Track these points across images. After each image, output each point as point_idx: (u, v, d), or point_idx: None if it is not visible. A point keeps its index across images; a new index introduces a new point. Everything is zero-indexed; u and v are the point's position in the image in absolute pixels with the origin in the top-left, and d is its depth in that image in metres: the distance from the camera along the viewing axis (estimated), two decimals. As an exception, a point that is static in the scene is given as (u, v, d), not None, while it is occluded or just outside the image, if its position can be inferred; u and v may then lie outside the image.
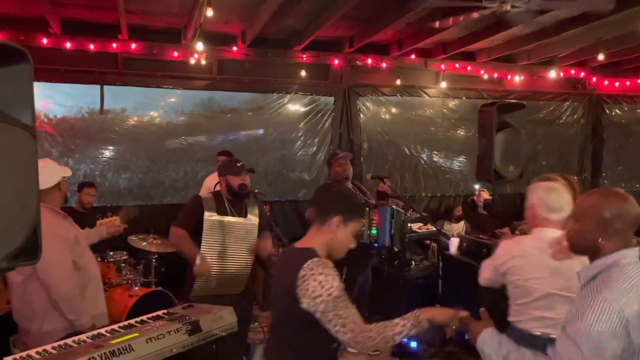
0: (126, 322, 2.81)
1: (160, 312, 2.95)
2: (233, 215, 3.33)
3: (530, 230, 2.71)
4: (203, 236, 3.22)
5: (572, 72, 8.03)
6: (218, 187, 3.47)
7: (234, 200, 3.37)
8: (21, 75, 1.61)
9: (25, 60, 1.59)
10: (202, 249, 3.22)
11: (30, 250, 1.64)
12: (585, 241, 1.75)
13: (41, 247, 1.67)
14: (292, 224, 7.02)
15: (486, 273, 2.80)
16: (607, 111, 8.40)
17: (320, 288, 1.96)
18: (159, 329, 2.61)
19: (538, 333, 2.48)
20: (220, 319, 2.90)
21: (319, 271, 1.98)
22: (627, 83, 8.30)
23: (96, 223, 4.48)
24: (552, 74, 7.80)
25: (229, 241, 3.30)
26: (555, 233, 2.51)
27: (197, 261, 3.14)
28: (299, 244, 2.17)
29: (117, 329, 2.70)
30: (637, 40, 6.32)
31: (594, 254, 1.74)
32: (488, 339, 1.91)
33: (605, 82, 8.26)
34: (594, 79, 8.20)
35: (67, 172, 3.08)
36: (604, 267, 1.68)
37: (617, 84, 8.29)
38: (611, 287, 1.61)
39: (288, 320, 2.11)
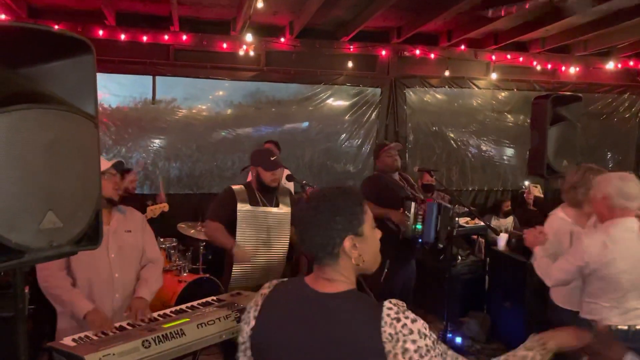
0: (177, 308, 2.90)
1: (209, 299, 3.03)
2: (264, 206, 3.32)
3: (603, 222, 2.64)
4: (238, 228, 3.23)
5: (631, 63, 7.65)
6: (250, 178, 3.45)
7: (264, 191, 3.35)
8: (85, 66, 1.66)
9: (88, 51, 1.65)
10: (238, 240, 3.23)
11: (92, 235, 1.70)
12: None
13: (102, 233, 1.74)
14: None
15: (561, 274, 2.72)
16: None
17: (421, 340, 1.38)
18: (209, 315, 2.69)
19: (625, 327, 2.49)
20: (267, 307, 2.95)
21: (409, 316, 1.41)
22: (691, 75, 7.86)
23: (147, 209, 4.67)
24: (611, 65, 7.46)
25: (262, 231, 3.29)
26: (636, 222, 2.50)
27: (235, 248, 3.14)
28: (323, 288, 1.49)
29: (169, 313, 2.79)
30: None
31: None
32: None
33: (667, 74, 7.85)
34: (655, 71, 7.81)
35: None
36: None
37: (679, 75, 7.86)
38: None
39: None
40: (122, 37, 6.05)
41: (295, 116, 6.98)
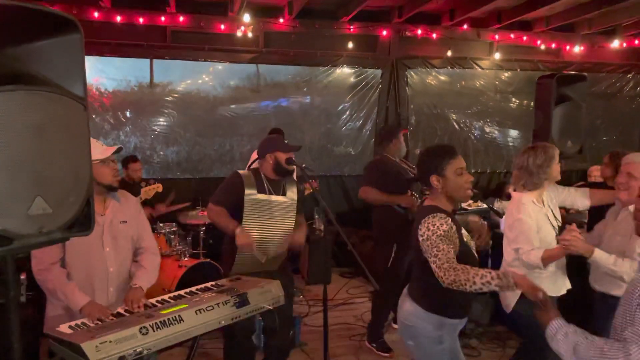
0: (176, 293, 2.86)
1: (209, 284, 2.99)
2: (271, 194, 3.27)
3: None
4: (244, 214, 3.17)
5: (636, 42, 7.52)
6: (255, 165, 3.38)
7: (272, 179, 3.29)
8: (72, 46, 1.58)
9: (75, 30, 1.57)
10: (244, 226, 3.17)
11: (83, 221, 1.65)
12: None
13: (94, 219, 1.69)
14: (337, 199, 7.01)
15: None
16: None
17: (427, 230, 2.29)
18: (208, 300, 2.65)
19: None
20: (267, 292, 2.91)
21: (430, 220, 2.30)
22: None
23: (140, 192, 4.63)
24: (616, 43, 7.33)
25: (269, 220, 3.24)
26: None
27: (238, 231, 3.07)
28: (426, 203, 2.48)
29: (168, 299, 2.75)
30: None
31: None
32: (557, 327, 1.87)
33: (673, 53, 7.72)
34: (660, 49, 7.68)
35: (97, 155, 2.49)
36: None
37: (685, 54, 7.73)
38: None
39: (419, 266, 2.42)
40: (118, 19, 5.94)
41: (295, 98, 6.89)
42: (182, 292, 2.87)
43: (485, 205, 5.18)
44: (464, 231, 2.47)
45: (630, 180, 2.80)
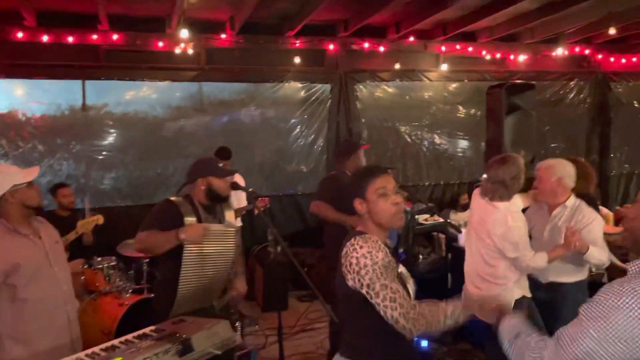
0: (109, 344, 2.51)
1: (147, 330, 2.66)
2: (207, 221, 2.98)
3: None
4: (185, 246, 2.84)
5: (577, 49, 7.70)
6: (187, 191, 3.06)
7: (206, 205, 3.01)
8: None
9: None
10: (184, 261, 2.86)
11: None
12: None
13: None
14: (291, 219, 6.79)
15: None
16: (614, 89, 8.09)
17: (364, 258, 1.86)
18: (146, 350, 2.31)
19: None
20: (214, 335, 2.61)
21: (360, 244, 1.89)
22: (634, 60, 7.97)
23: (77, 224, 4.18)
24: (558, 51, 7.47)
25: (208, 250, 2.94)
26: None
27: (182, 231, 2.75)
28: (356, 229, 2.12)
29: (98, 351, 2.41)
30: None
31: None
32: (507, 322, 1.82)
33: (611, 59, 7.93)
34: (600, 56, 7.88)
35: (21, 179, 2.59)
36: None
37: (623, 60, 7.96)
38: None
39: (344, 304, 2.03)
40: (45, 38, 5.54)
41: (242, 116, 6.63)
42: (115, 341, 2.53)
43: (441, 219, 5.06)
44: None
45: (540, 183, 3.30)
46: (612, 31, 6.10)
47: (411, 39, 6.93)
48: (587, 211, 3.20)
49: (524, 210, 3.65)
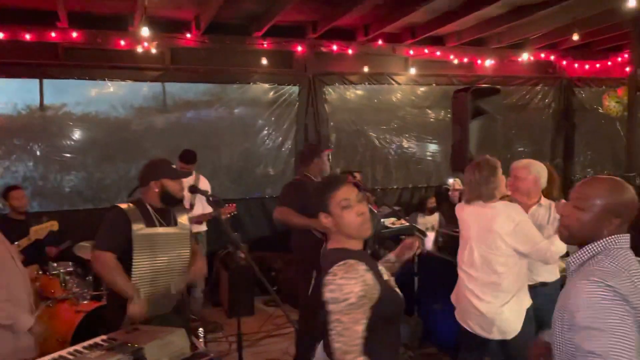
0: (56, 355, 2.40)
1: (99, 339, 2.54)
2: (162, 226, 2.88)
3: None
4: (134, 253, 2.75)
5: (542, 55, 7.83)
6: (139, 194, 2.94)
7: (159, 209, 2.90)
8: None
9: None
10: (134, 270, 2.77)
11: None
12: (586, 230, 1.71)
13: None
14: (259, 223, 6.68)
15: None
16: (578, 95, 8.26)
17: (339, 291, 1.86)
18: (95, 362, 2.21)
19: None
20: (169, 344, 2.50)
21: (340, 275, 1.87)
22: (597, 65, 8.15)
23: (30, 231, 4.00)
24: (524, 57, 7.58)
25: (163, 255, 2.86)
26: None
27: (135, 300, 2.69)
28: (328, 246, 2.06)
29: (44, 363, 2.29)
30: (610, 20, 6.12)
31: (590, 242, 1.71)
32: None
33: (576, 65, 8.10)
34: (564, 62, 8.04)
35: None
36: (596, 252, 1.69)
37: (587, 66, 8.13)
38: (603, 268, 1.62)
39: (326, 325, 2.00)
40: (1, 35, 5.30)
41: (208, 118, 6.49)
42: (64, 352, 2.41)
43: (407, 223, 5.04)
44: (381, 268, 2.15)
45: (516, 182, 3.34)
46: (575, 37, 6.20)
47: (380, 42, 6.92)
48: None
49: None
